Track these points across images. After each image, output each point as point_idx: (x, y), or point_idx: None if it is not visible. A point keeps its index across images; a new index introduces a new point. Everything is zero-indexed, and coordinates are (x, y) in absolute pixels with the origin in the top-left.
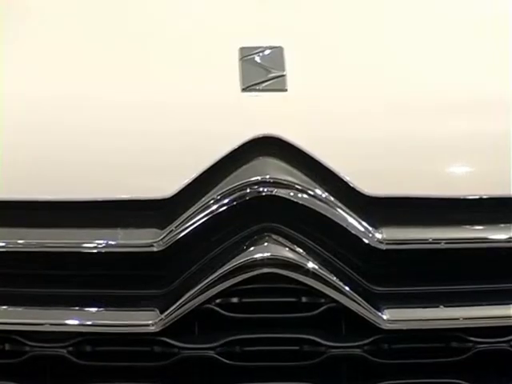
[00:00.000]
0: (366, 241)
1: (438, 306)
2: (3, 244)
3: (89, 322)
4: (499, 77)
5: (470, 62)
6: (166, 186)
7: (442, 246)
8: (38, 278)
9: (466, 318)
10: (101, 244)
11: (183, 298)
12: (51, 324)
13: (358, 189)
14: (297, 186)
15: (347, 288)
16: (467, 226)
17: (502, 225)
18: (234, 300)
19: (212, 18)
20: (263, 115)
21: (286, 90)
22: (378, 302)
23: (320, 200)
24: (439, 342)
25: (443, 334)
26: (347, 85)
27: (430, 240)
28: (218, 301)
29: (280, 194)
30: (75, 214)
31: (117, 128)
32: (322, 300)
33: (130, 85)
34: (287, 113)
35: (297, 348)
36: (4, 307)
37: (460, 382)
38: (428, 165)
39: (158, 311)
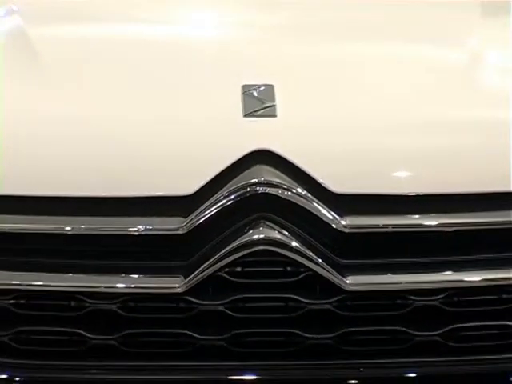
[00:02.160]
0: (334, 226)
1: (386, 274)
2: (69, 228)
3: (132, 285)
4: (444, 102)
5: (419, 92)
6: (188, 186)
7: (390, 229)
8: (96, 253)
9: (407, 283)
10: (141, 228)
11: (201, 268)
12: (105, 287)
13: (328, 188)
14: (283, 186)
15: (320, 260)
16: (407, 215)
17: (433, 214)
18: (238, 269)
19: (222, 61)
20: (259, 134)
21: (275, 116)
22: (343, 270)
23: (300, 196)
24: (388, 300)
25: (391, 294)
26: (322, 112)
27: (381, 225)
28: (226, 270)
29: (271, 192)
30: (125, 207)
31: (155, 142)
32: (302, 269)
33: (162, 110)
34: (276, 133)
35: (284, 304)
36: (71, 274)
37: (403, 328)
38: (379, 170)
39: (182, 277)
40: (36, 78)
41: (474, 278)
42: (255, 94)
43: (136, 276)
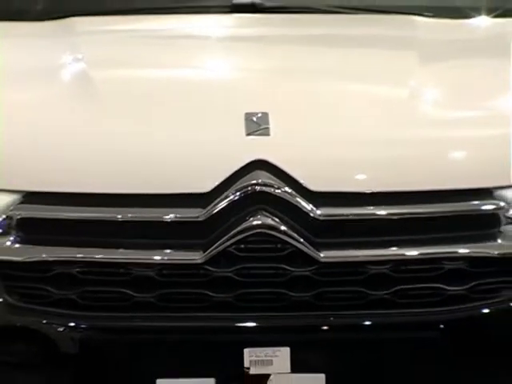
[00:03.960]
0: (312, 215)
1: (350, 250)
2: (120, 216)
3: (165, 258)
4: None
5: (376, 116)
6: (206, 185)
7: (352, 217)
8: (139, 235)
9: (365, 256)
10: (172, 216)
11: (215, 245)
12: (146, 259)
13: (307, 187)
14: (275, 186)
15: (301, 240)
16: (365, 207)
17: (383, 206)
18: (242, 246)
19: (231, 95)
20: (257, 148)
21: (269, 135)
22: (318, 247)
23: (287, 193)
24: (351, 268)
25: (353, 264)
26: (303, 132)
27: (346, 214)
28: (233, 246)
29: (266, 190)
30: (162, 201)
31: (182, 155)
32: (288, 246)
33: (187, 130)
34: (270, 147)
35: (275, 272)
36: (121, 250)
37: (361, 289)
38: (345, 174)
39: (201, 252)
40: (93, 105)
41: (413, 252)
42: (254, 119)
43: (168, 251)
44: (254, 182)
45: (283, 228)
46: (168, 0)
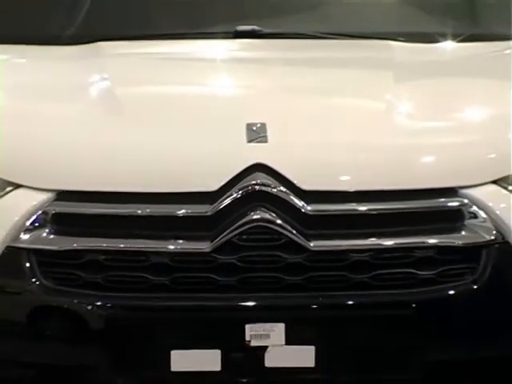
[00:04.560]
0: (303, 210)
1: (335, 240)
2: (140, 211)
3: (178, 247)
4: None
5: (360, 126)
6: (213, 185)
7: (338, 212)
8: (155, 227)
9: (347, 245)
10: (184, 211)
11: (220, 236)
12: (161, 247)
13: (300, 187)
14: (271, 186)
15: (294, 231)
16: (348, 203)
17: (364, 203)
18: (244, 237)
19: (234, 108)
20: (256, 153)
21: (267, 142)
22: (309, 238)
23: (282, 192)
24: (337, 256)
25: (338, 252)
26: (296, 139)
27: (332, 210)
28: (237, 237)
29: (264, 189)
30: (175, 198)
31: (194, 160)
32: (283, 237)
33: (197, 139)
34: (267, 153)
35: (272, 259)
36: (141, 240)
37: (345, 273)
38: (331, 175)
39: (209, 242)
40: (117, 117)
41: (389, 242)
42: (254, 128)
43: (180, 241)
44: (254, 182)
45: (279, 221)
46: (181, 27)
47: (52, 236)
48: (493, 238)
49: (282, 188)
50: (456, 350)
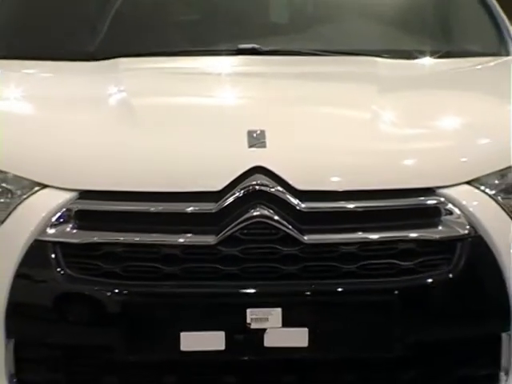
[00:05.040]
0: (298, 207)
1: (327, 234)
2: (153, 208)
3: (187, 240)
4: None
5: (349, 133)
6: (218, 185)
7: (328, 209)
8: (165, 222)
9: (337, 239)
10: (192, 208)
11: (224, 230)
12: (172, 241)
13: (295, 187)
14: (270, 185)
15: (290, 226)
16: (338, 201)
17: (352, 201)
18: (245, 231)
19: (237, 117)
20: (256, 157)
21: (266, 147)
22: (303, 232)
23: (279, 191)
24: (328, 248)
25: (329, 245)
26: (292, 145)
27: (324, 207)
28: (239, 231)
29: (263, 189)
30: (183, 196)
31: (200, 162)
32: (280, 231)
33: (202, 144)
34: (266, 157)
35: (270, 251)
36: (154, 234)
37: (335, 264)
38: (323, 176)
39: (214, 235)
40: (132, 125)
41: (375, 236)
42: (254, 135)
43: (189, 235)
44: (254, 182)
45: (276, 218)
46: (190, 45)
47: (75, 230)
48: (466, 232)
49: (279, 188)
50: (433, 331)
